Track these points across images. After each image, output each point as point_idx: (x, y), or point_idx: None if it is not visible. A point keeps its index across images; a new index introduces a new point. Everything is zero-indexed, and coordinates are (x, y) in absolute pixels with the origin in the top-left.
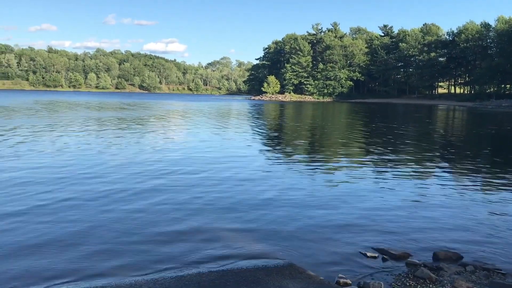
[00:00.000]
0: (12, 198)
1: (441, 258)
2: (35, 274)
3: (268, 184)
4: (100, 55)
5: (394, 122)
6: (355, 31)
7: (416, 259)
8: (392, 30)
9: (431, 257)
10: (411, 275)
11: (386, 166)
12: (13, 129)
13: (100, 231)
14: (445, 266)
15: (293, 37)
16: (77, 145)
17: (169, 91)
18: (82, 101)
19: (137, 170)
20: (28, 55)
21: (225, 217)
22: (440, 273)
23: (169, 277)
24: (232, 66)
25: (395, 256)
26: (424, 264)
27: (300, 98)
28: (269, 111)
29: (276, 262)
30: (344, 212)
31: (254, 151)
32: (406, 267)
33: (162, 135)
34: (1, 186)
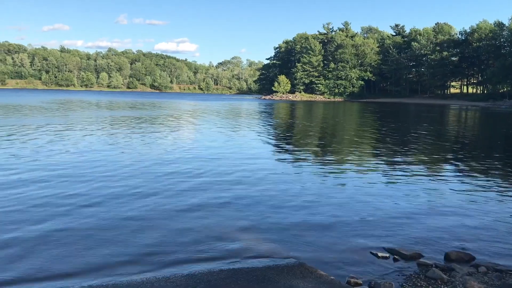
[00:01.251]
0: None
1: (453, 259)
2: (51, 268)
3: (278, 184)
4: (112, 54)
5: (406, 122)
6: (367, 30)
7: (427, 259)
8: (404, 30)
9: (443, 257)
10: (422, 276)
11: (397, 166)
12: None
13: (113, 229)
14: (457, 267)
15: (304, 36)
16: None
17: (180, 91)
18: (96, 100)
19: (151, 169)
20: (41, 55)
21: (236, 216)
22: (452, 274)
23: (180, 275)
24: (242, 66)
25: (406, 257)
26: (435, 265)
27: (311, 97)
28: (280, 111)
29: (286, 262)
30: (355, 212)
31: (265, 151)
32: (418, 267)
33: (175, 135)
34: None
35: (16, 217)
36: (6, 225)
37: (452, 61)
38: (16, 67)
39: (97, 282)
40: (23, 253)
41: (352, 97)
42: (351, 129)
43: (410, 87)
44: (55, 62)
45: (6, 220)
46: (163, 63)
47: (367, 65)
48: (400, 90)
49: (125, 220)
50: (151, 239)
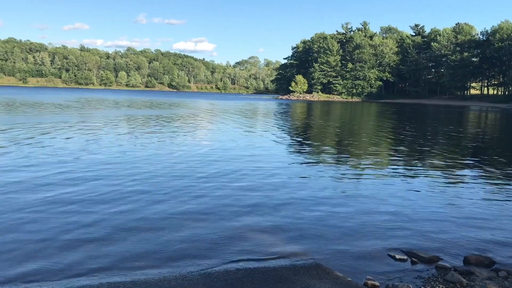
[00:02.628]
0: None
1: (472, 263)
2: (70, 265)
3: (295, 185)
4: (131, 53)
5: (425, 123)
6: (386, 30)
7: (446, 262)
8: (424, 30)
9: (462, 261)
10: (440, 279)
11: (415, 168)
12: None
13: (131, 228)
14: (477, 271)
15: (322, 36)
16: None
17: (197, 90)
18: (118, 99)
19: (168, 170)
20: (61, 53)
21: (252, 216)
22: (471, 277)
23: (197, 273)
24: (260, 65)
25: (424, 259)
26: (454, 268)
27: (328, 97)
28: (297, 111)
29: (303, 262)
30: (373, 213)
31: (281, 151)
32: (436, 270)
33: (193, 134)
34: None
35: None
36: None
37: (473, 61)
38: (37, 66)
39: (116, 279)
40: (47, 251)
41: (370, 97)
42: (369, 131)
43: (429, 88)
44: (75, 60)
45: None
46: (181, 63)
47: (385, 65)
48: (419, 91)
49: (143, 219)
50: (168, 238)
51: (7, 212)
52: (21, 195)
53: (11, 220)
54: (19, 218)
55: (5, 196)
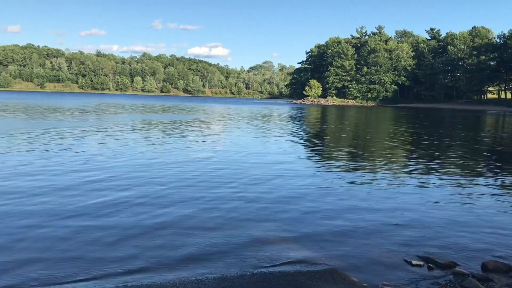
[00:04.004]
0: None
1: (490, 269)
2: (89, 267)
3: (309, 190)
4: (146, 59)
5: (441, 128)
6: (401, 34)
7: (463, 269)
8: (440, 34)
9: (480, 267)
10: (458, 285)
11: (432, 173)
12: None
13: (148, 231)
14: (495, 278)
15: (336, 40)
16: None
17: (211, 95)
18: (135, 104)
19: (188, 174)
20: (78, 59)
21: (267, 221)
22: (490, 284)
23: (212, 277)
24: (274, 70)
25: (441, 265)
26: (472, 275)
27: (343, 102)
28: (312, 116)
29: (318, 267)
30: (389, 219)
31: (297, 157)
32: (453, 276)
33: (212, 140)
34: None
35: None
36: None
37: (490, 65)
38: (54, 71)
39: (132, 283)
40: (66, 253)
41: (385, 102)
42: (385, 136)
43: (445, 92)
44: (91, 66)
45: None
46: (196, 68)
47: (401, 70)
48: (435, 95)
49: (158, 223)
50: (184, 242)
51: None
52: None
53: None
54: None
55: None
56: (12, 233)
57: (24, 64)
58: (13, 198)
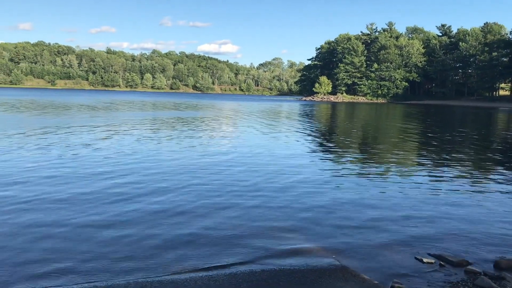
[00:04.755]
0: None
1: (503, 267)
2: (100, 262)
3: (320, 186)
4: (156, 56)
5: (453, 125)
6: (412, 30)
7: (475, 267)
8: (451, 30)
9: (492, 266)
10: (470, 284)
11: (444, 171)
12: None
13: (158, 226)
14: (508, 276)
15: (346, 37)
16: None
17: (221, 92)
18: (148, 101)
19: (192, 173)
20: (88, 56)
21: (279, 218)
22: (502, 283)
23: (223, 274)
24: (283, 67)
25: (453, 263)
26: (484, 273)
27: (353, 99)
28: (321, 113)
29: (329, 264)
30: (400, 216)
31: (306, 153)
32: (465, 275)
33: (223, 137)
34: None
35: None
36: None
37: (502, 61)
38: (65, 68)
39: (143, 279)
40: (71, 248)
41: (395, 98)
42: (396, 133)
43: (456, 88)
44: (102, 63)
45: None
46: (205, 65)
47: (411, 66)
48: (446, 92)
49: (168, 219)
50: (194, 238)
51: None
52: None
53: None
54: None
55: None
56: (31, 232)
57: (35, 61)
58: (37, 200)
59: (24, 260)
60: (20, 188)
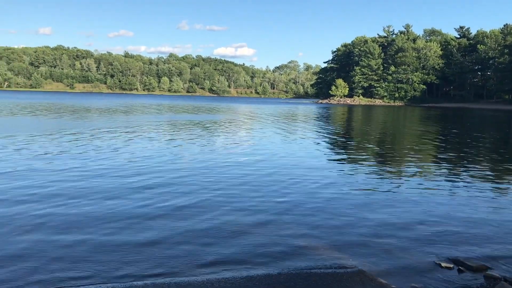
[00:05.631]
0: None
1: None
2: (117, 265)
3: (336, 191)
4: (173, 59)
5: (472, 128)
6: (429, 33)
7: (495, 272)
8: (469, 32)
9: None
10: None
11: (462, 176)
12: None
13: (174, 232)
14: None
15: (363, 39)
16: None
17: (237, 95)
18: (166, 104)
19: (217, 177)
20: (106, 60)
21: (296, 221)
22: None
23: (239, 276)
24: (299, 70)
25: (472, 268)
26: (505, 279)
27: (370, 101)
28: (339, 116)
29: (346, 269)
30: (418, 221)
31: (322, 156)
32: (484, 280)
33: (240, 140)
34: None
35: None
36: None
37: None
38: (83, 72)
39: (161, 280)
40: (95, 250)
41: (413, 101)
42: (414, 137)
43: (475, 91)
44: (120, 67)
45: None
46: (222, 68)
47: (429, 69)
48: (464, 95)
49: (187, 223)
50: (211, 240)
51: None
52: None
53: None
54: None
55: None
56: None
57: (54, 65)
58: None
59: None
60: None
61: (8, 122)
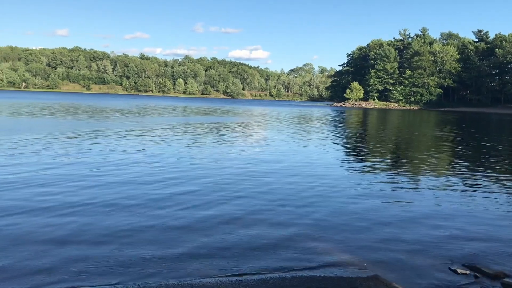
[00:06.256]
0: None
1: None
2: (132, 266)
3: (352, 195)
4: (188, 62)
5: (490, 134)
6: (446, 36)
7: None
8: (488, 36)
9: None
10: None
11: (478, 181)
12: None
13: (190, 231)
14: None
15: (378, 43)
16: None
17: (251, 97)
18: (184, 106)
19: (237, 182)
20: (122, 61)
21: (310, 225)
22: None
23: (253, 279)
24: (314, 72)
25: (489, 275)
26: None
27: (385, 105)
28: (354, 119)
29: (361, 273)
30: (432, 225)
31: (336, 160)
32: (502, 287)
33: (256, 142)
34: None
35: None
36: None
37: None
38: (99, 73)
39: (173, 281)
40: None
41: (429, 105)
42: (432, 141)
43: (492, 96)
44: (135, 68)
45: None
46: (236, 70)
47: (445, 72)
48: (481, 99)
49: (200, 223)
50: (226, 243)
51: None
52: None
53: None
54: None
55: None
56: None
57: (71, 66)
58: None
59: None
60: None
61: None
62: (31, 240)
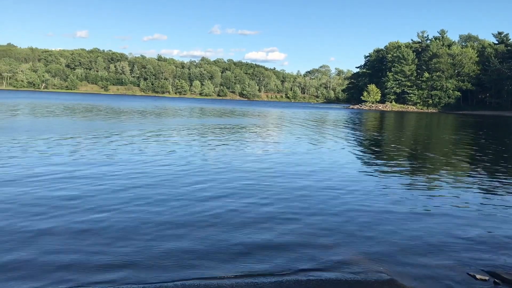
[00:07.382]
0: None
1: None
2: (145, 266)
3: (369, 198)
4: (205, 63)
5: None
6: (465, 38)
7: None
8: (508, 38)
9: None
10: None
11: (497, 187)
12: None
13: (205, 233)
14: None
15: (396, 45)
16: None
17: (267, 99)
18: (201, 107)
19: (254, 184)
20: (140, 63)
21: (327, 228)
22: None
23: (268, 281)
24: (331, 74)
25: (509, 281)
26: None
27: (402, 108)
28: (371, 121)
29: (376, 276)
30: (450, 230)
31: (352, 164)
32: None
33: (270, 144)
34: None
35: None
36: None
37: None
38: (117, 74)
39: (190, 282)
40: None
41: (447, 108)
42: (450, 145)
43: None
44: (153, 70)
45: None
46: (252, 72)
47: (464, 75)
48: (501, 102)
49: (216, 225)
50: (241, 246)
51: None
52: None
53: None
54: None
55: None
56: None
57: (90, 68)
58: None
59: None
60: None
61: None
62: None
